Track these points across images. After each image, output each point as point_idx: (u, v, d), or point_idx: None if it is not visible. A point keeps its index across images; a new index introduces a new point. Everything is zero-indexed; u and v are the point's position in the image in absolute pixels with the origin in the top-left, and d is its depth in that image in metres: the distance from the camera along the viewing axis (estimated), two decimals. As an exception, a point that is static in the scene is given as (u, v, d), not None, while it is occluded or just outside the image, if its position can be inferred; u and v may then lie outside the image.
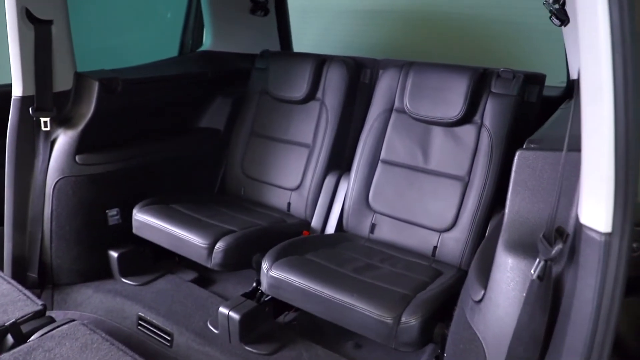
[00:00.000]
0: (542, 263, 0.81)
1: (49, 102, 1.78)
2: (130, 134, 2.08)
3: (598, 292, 0.70)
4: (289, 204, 2.08)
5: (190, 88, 2.26)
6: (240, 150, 2.21)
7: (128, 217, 1.94)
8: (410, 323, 1.27)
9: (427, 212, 1.73)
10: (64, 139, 1.85)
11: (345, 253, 1.67)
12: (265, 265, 1.52)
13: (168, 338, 1.74)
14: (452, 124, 1.73)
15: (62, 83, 1.82)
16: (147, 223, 1.86)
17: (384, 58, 2.08)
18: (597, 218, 0.71)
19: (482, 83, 1.70)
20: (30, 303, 1.50)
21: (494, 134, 1.65)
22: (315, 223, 1.98)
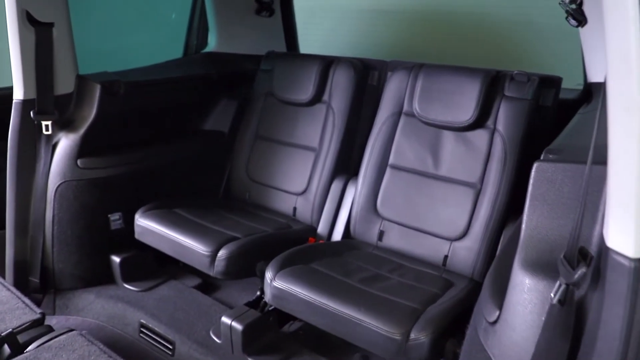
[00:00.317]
0: (563, 287, 0.75)
1: (51, 105, 1.76)
2: (133, 137, 2.04)
3: (627, 323, 0.64)
4: (295, 209, 2.03)
5: (194, 90, 2.22)
6: (245, 154, 2.17)
7: (130, 221, 1.91)
8: (420, 340, 1.21)
9: (437, 219, 1.67)
10: (66, 143, 1.82)
11: (353, 262, 1.62)
12: (269, 275, 1.48)
13: (170, 347, 1.70)
14: (463, 129, 1.66)
15: (63, 86, 1.79)
16: (149, 229, 1.82)
17: (393, 59, 2.02)
18: (625, 242, 0.65)
19: (494, 86, 1.64)
20: (29, 311, 1.47)
21: (508, 140, 1.58)
22: (322, 229, 1.93)
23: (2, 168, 1.81)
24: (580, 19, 1.49)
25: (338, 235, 1.89)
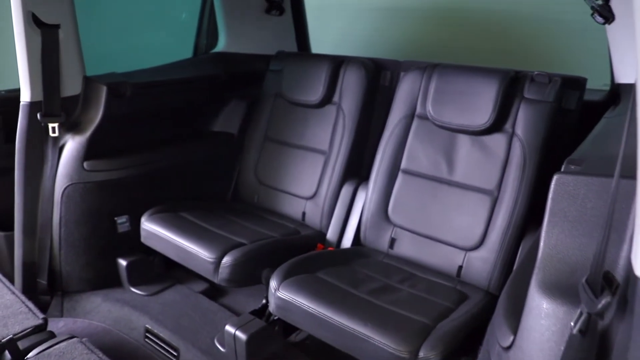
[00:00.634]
0: (585, 316, 0.68)
1: (57, 107, 1.74)
2: (140, 139, 2.02)
3: (659, 364, 0.56)
4: (304, 214, 1.97)
5: (202, 91, 2.19)
6: (254, 156, 2.12)
7: (137, 224, 1.88)
8: (430, 359, 1.14)
9: (451, 227, 1.59)
10: (72, 145, 1.81)
11: (361, 271, 1.56)
12: (273, 284, 1.42)
13: (174, 353, 1.67)
14: (479, 133, 1.58)
15: (70, 88, 1.78)
16: (154, 233, 1.79)
17: (406, 59, 1.94)
18: (658, 271, 0.57)
19: (513, 88, 1.54)
20: (32, 316, 1.47)
21: (527, 145, 1.49)
22: (331, 235, 1.87)
23: (10, 170, 1.80)
24: (608, 16, 1.40)
25: (348, 242, 1.82)
